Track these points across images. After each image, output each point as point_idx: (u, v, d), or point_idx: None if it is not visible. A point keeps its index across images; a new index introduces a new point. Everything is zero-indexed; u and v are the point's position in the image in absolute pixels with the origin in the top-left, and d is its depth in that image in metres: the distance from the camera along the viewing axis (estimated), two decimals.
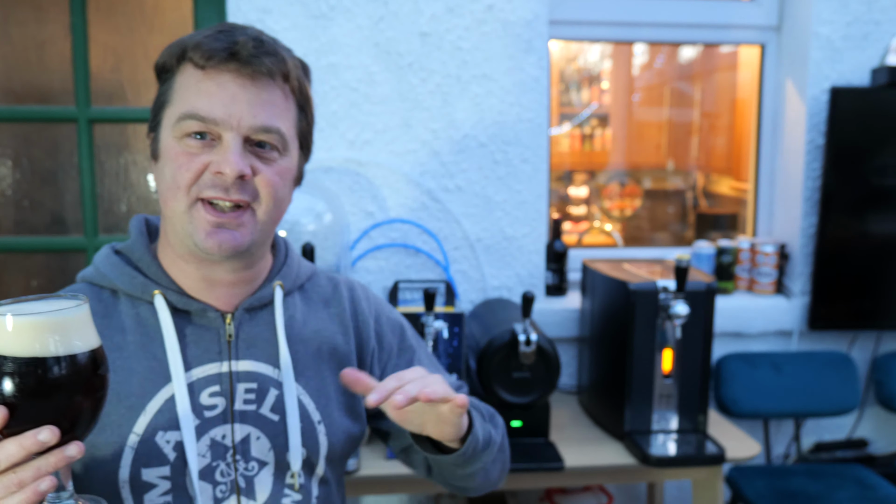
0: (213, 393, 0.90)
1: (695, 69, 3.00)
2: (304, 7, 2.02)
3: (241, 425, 0.90)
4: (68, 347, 0.64)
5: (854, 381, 2.26)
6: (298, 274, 1.01)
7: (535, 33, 2.09)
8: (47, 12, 2.14)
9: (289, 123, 0.89)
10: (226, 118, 0.83)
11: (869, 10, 2.19)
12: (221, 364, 0.90)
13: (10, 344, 0.62)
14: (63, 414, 0.64)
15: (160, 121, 0.89)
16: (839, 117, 2.16)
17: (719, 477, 1.73)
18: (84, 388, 0.65)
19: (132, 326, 0.89)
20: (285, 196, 0.91)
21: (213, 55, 0.82)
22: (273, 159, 0.87)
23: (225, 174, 0.82)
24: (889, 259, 2.24)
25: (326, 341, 0.99)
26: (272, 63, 0.84)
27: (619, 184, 3.05)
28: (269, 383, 0.92)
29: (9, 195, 2.21)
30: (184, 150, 0.84)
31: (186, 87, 0.85)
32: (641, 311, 1.71)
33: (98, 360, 0.67)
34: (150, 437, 0.86)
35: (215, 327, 0.91)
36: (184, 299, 0.90)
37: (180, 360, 0.87)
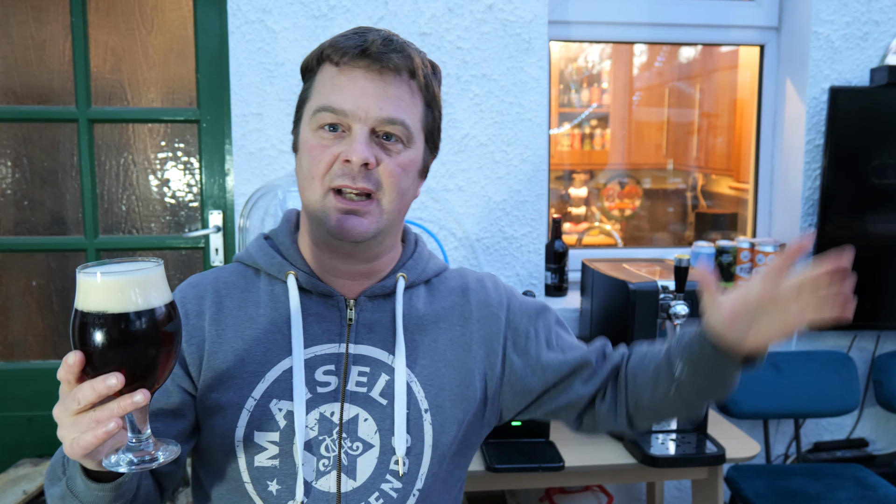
0: (327, 371, 0.94)
1: (695, 69, 3.00)
2: (304, 7, 2.02)
3: (350, 405, 0.94)
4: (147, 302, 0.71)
5: (854, 381, 2.25)
6: (425, 269, 1.04)
7: (535, 33, 2.09)
8: (47, 12, 2.14)
9: (414, 118, 0.93)
10: (355, 110, 0.88)
11: (868, 10, 2.19)
12: (340, 345, 0.96)
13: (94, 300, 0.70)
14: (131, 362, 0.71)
15: (301, 116, 0.95)
16: (839, 117, 2.16)
17: (719, 477, 1.73)
18: (151, 340, 0.71)
19: (266, 301, 0.97)
20: (408, 187, 0.95)
21: (346, 52, 0.89)
22: (397, 151, 0.91)
23: (352, 162, 0.87)
24: (889, 259, 2.24)
25: (445, 332, 1.01)
26: (400, 60, 0.89)
27: (619, 184, 3.05)
28: (382, 369, 0.96)
29: (9, 195, 2.21)
30: (318, 143, 0.90)
31: (323, 83, 0.92)
32: (641, 311, 1.71)
33: (172, 314, 0.73)
34: (266, 403, 0.92)
35: (338, 310, 0.97)
36: (313, 281, 0.96)
37: (301, 337, 0.94)
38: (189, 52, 2.17)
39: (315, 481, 0.92)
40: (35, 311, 2.27)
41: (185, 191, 2.24)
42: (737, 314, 0.87)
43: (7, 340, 2.28)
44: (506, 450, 1.69)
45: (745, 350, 0.89)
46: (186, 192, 2.24)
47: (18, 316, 2.27)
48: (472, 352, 1.01)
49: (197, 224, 2.25)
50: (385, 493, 0.94)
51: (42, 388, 2.22)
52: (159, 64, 2.20)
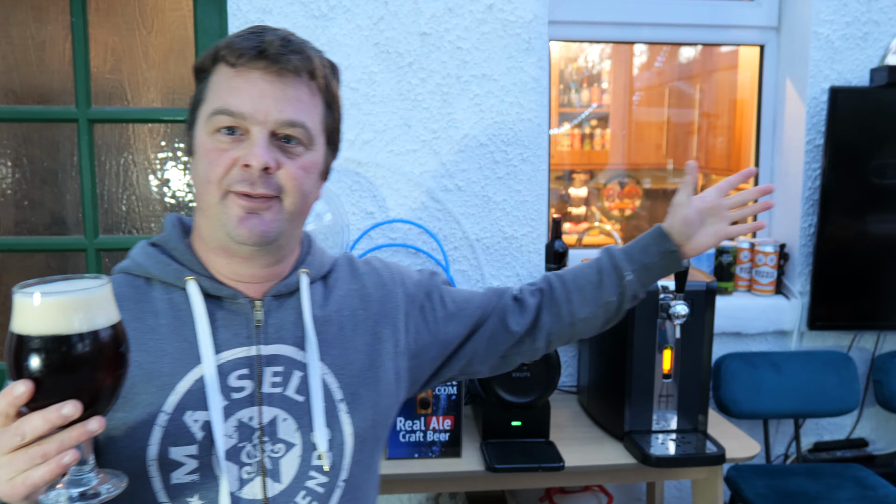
0: (241, 376, 0.92)
1: (695, 69, 3.00)
2: (304, 7, 2.02)
3: (268, 408, 0.92)
4: (91, 324, 0.66)
5: (854, 381, 2.25)
6: (322, 264, 1.04)
7: (535, 33, 2.09)
8: (47, 12, 2.14)
9: (315, 119, 0.92)
10: (253, 113, 0.86)
11: (868, 10, 2.19)
12: (250, 348, 0.93)
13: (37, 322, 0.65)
14: (85, 389, 0.66)
15: (196, 118, 0.92)
16: (839, 117, 2.16)
17: (719, 477, 1.73)
18: (106, 363, 0.68)
19: (165, 310, 0.93)
20: (310, 189, 0.94)
21: (243, 53, 0.86)
22: (298, 154, 0.90)
23: (251, 166, 0.86)
24: (889, 259, 2.24)
25: (349, 318, 1.02)
26: (299, 61, 0.88)
27: (619, 184, 3.05)
28: (294, 366, 0.95)
29: (9, 195, 2.21)
30: (215, 146, 0.88)
31: (219, 84, 0.89)
32: (641, 311, 1.71)
33: (119, 336, 0.70)
34: (179, 416, 0.88)
35: (245, 313, 0.94)
36: (216, 285, 0.93)
37: (210, 343, 0.90)
38: (189, 52, 2.17)
39: (239, 490, 0.90)
40: None
41: (185, 191, 2.24)
42: (692, 219, 1.11)
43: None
44: (506, 450, 1.69)
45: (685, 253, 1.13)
46: (186, 192, 2.24)
47: None
48: (378, 332, 1.03)
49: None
50: (311, 490, 0.94)
51: None
52: (159, 64, 2.20)
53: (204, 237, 0.95)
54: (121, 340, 0.70)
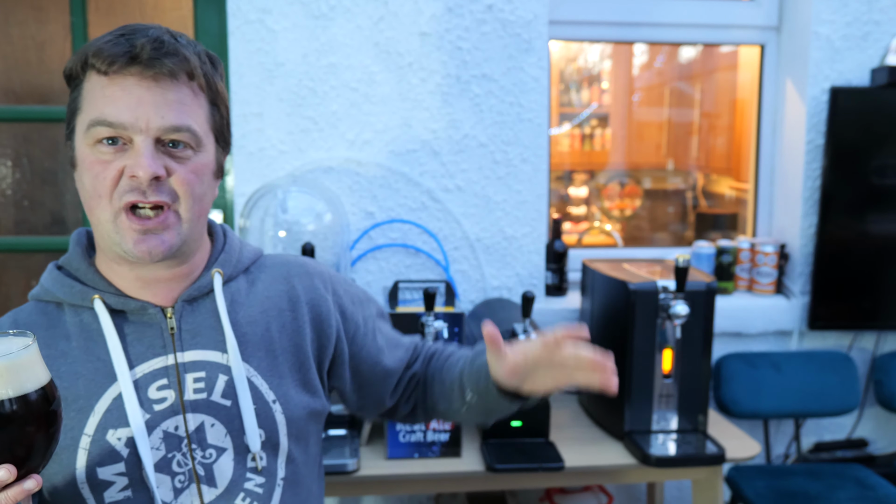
0: (161, 386, 0.91)
1: (695, 69, 3.00)
2: (304, 7, 2.02)
3: (193, 415, 0.91)
4: (18, 388, 0.67)
5: (854, 381, 2.25)
6: (240, 259, 1.02)
7: (535, 33, 2.09)
8: (47, 12, 2.14)
9: (200, 120, 0.89)
10: (133, 121, 0.83)
11: (869, 10, 2.19)
12: (167, 357, 0.92)
13: None
14: (18, 450, 0.67)
15: (73, 128, 0.90)
16: (839, 117, 2.16)
17: (719, 477, 1.73)
18: (37, 424, 0.69)
19: (76, 333, 0.91)
20: (205, 191, 0.92)
21: (114, 61, 0.83)
22: (187, 157, 0.88)
23: (139, 177, 0.83)
24: (889, 259, 2.24)
25: (275, 319, 1.00)
26: (174, 63, 0.85)
27: (619, 184, 3.05)
28: (218, 370, 0.93)
29: (9, 195, 2.21)
30: (98, 158, 0.85)
31: (93, 93, 0.86)
32: (641, 311, 1.71)
33: (49, 396, 0.70)
34: (102, 436, 0.88)
35: (156, 322, 0.92)
36: (122, 300, 0.92)
37: (123, 359, 0.89)
38: None
39: (175, 500, 0.90)
40: None
41: None
42: (515, 370, 0.95)
43: None
44: (506, 450, 1.69)
45: (523, 393, 0.99)
46: None
47: None
48: (305, 335, 1.01)
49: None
50: (250, 491, 0.94)
51: None
52: None
53: (104, 250, 0.93)
54: (51, 399, 0.70)
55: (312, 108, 2.06)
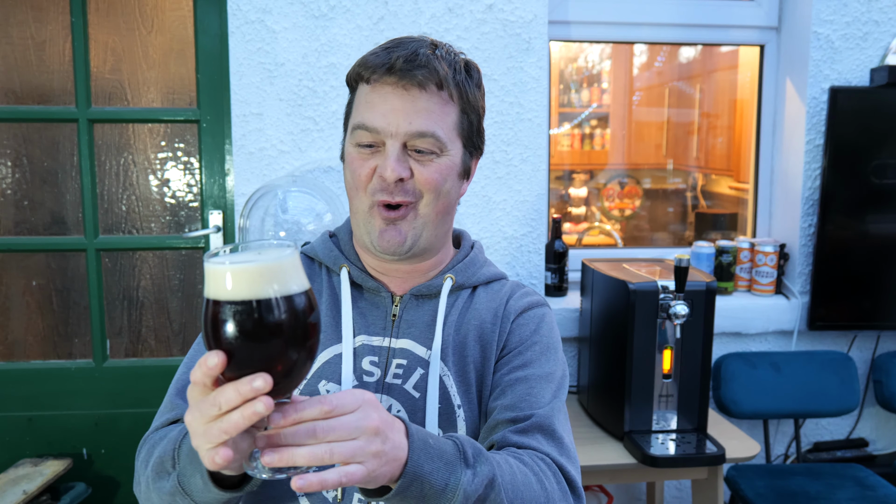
0: (372, 362, 1.00)
1: (695, 69, 3.00)
2: (304, 7, 2.02)
3: (386, 396, 0.98)
4: (285, 289, 0.66)
5: (854, 381, 2.25)
6: (476, 274, 1.09)
7: (535, 33, 2.09)
8: (47, 12, 2.14)
9: (446, 127, 0.97)
10: (385, 126, 0.94)
11: (868, 10, 2.19)
12: (384, 339, 1.01)
13: (231, 290, 0.64)
14: (278, 358, 0.65)
15: (346, 127, 1.02)
16: (839, 117, 2.16)
17: (719, 477, 1.73)
18: (299, 331, 0.66)
19: (324, 290, 1.05)
20: (450, 188, 1.00)
21: (374, 71, 0.95)
22: (430, 160, 0.97)
23: (386, 178, 0.94)
24: (889, 259, 2.24)
25: (478, 330, 1.04)
26: (423, 75, 0.94)
27: (619, 184, 3.05)
28: (418, 363, 1.00)
29: (9, 195, 2.21)
30: (358, 155, 0.97)
31: (360, 100, 0.98)
32: (641, 311, 1.71)
33: (312, 303, 0.69)
34: (315, 383, 0.98)
35: (384, 305, 1.04)
36: (363, 275, 1.04)
37: (351, 326, 1.01)
38: (189, 52, 2.17)
39: None
40: (35, 311, 2.27)
41: (185, 191, 2.24)
42: None
43: (7, 340, 2.28)
44: None
45: None
46: (186, 192, 2.24)
47: (18, 316, 2.27)
48: (492, 351, 1.04)
49: (197, 224, 2.25)
50: None
51: (42, 388, 2.22)
52: (159, 64, 2.20)
53: (356, 236, 1.04)
54: (313, 307, 0.69)
55: (312, 108, 2.06)
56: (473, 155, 1.05)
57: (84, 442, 2.25)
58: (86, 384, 2.23)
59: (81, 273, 2.23)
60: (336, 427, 0.69)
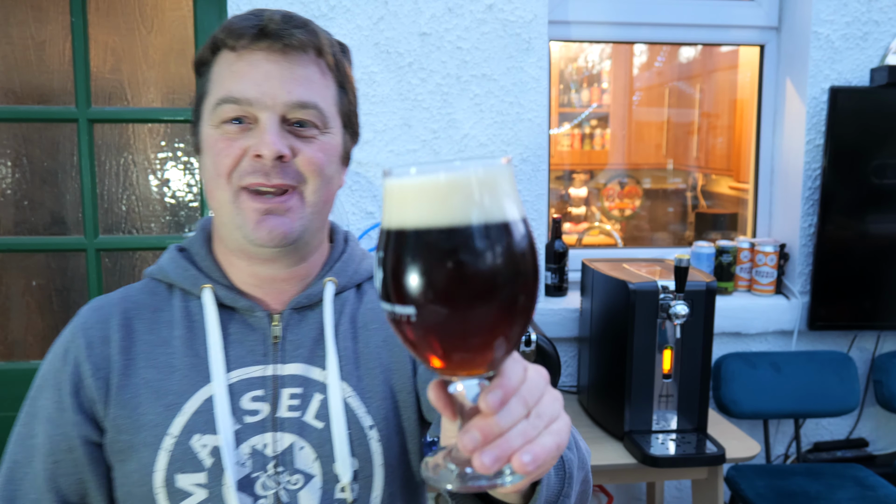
0: (255, 397, 0.84)
1: (695, 69, 3.00)
2: (304, 7, 2.02)
3: (283, 433, 0.84)
4: (502, 213, 0.45)
5: (854, 381, 2.26)
6: (357, 271, 0.95)
7: (535, 33, 2.09)
8: (47, 12, 2.14)
9: (328, 100, 0.84)
10: (260, 97, 0.80)
11: (868, 10, 2.19)
12: (266, 367, 0.86)
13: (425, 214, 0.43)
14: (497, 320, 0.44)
15: (200, 114, 0.87)
16: (839, 117, 2.16)
17: (719, 477, 1.73)
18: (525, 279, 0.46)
19: (180, 321, 0.87)
20: (333, 174, 0.86)
21: (242, 34, 0.80)
22: (313, 136, 0.83)
23: (263, 156, 0.79)
24: (889, 259, 2.24)
25: (376, 333, 0.91)
26: (304, 36, 0.81)
27: (619, 184, 3.05)
28: (315, 388, 0.86)
29: (9, 195, 2.21)
30: (222, 136, 0.82)
31: (221, 73, 0.84)
32: (641, 311, 1.71)
33: (532, 238, 0.48)
34: (186, 439, 0.82)
35: (262, 328, 0.87)
36: (232, 295, 0.87)
37: (222, 359, 0.84)
38: (189, 52, 2.17)
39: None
40: (35, 311, 2.27)
41: (185, 191, 2.24)
42: None
43: (7, 340, 2.28)
44: None
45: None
46: (186, 192, 2.24)
47: (18, 316, 2.27)
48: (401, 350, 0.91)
49: (197, 224, 2.25)
50: None
51: None
52: (159, 64, 2.20)
53: (223, 238, 0.88)
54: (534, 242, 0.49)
55: None
56: (353, 139, 0.92)
57: None
58: None
59: (81, 273, 2.23)
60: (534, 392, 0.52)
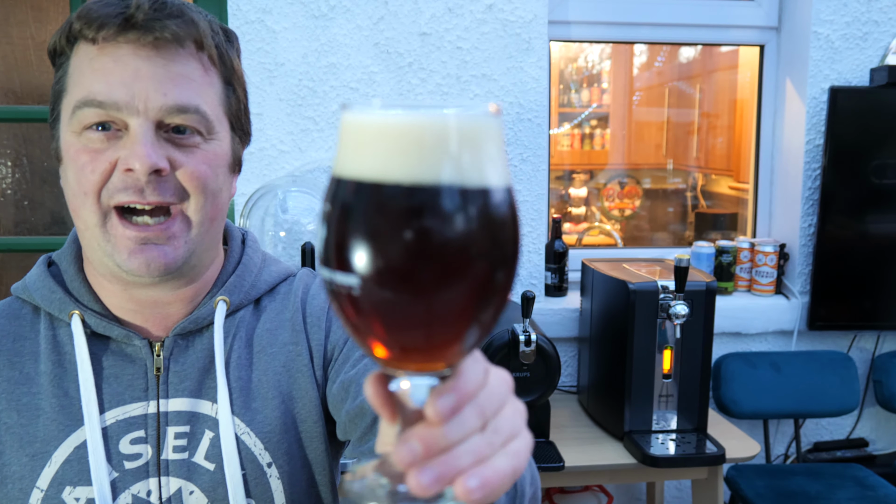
0: (135, 439, 0.74)
1: (695, 69, 3.00)
2: (304, 7, 2.02)
3: (170, 478, 0.74)
4: (481, 176, 0.35)
5: (854, 381, 2.25)
6: (255, 284, 0.83)
7: (535, 33, 2.09)
8: (47, 12, 2.14)
9: (212, 101, 0.72)
10: (129, 100, 0.66)
11: (868, 10, 2.19)
12: (148, 404, 0.75)
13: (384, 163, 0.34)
14: (459, 306, 0.35)
15: (58, 114, 0.72)
16: (838, 117, 2.16)
17: (719, 477, 1.73)
18: (501, 258, 0.36)
19: (47, 353, 0.76)
20: (220, 187, 0.74)
21: (104, 23, 0.67)
22: (195, 145, 0.70)
23: (135, 170, 0.66)
24: (889, 259, 2.24)
25: (276, 358, 0.81)
26: (178, 26, 0.68)
27: (619, 184, 3.05)
28: (205, 424, 0.76)
29: (9, 195, 2.21)
30: (85, 147, 0.68)
31: (80, 69, 0.69)
32: (641, 311, 1.71)
33: (516, 212, 0.37)
34: (56, 493, 0.72)
35: (141, 358, 0.76)
36: (104, 323, 0.75)
37: (94, 399, 0.73)
38: None
39: None
40: None
41: None
42: None
43: None
44: None
45: None
46: None
47: None
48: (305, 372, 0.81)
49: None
50: None
51: None
52: None
53: (91, 261, 0.75)
54: (518, 215, 0.38)
55: (312, 108, 2.06)
56: (243, 141, 0.79)
57: None
58: None
59: None
60: (494, 401, 0.43)
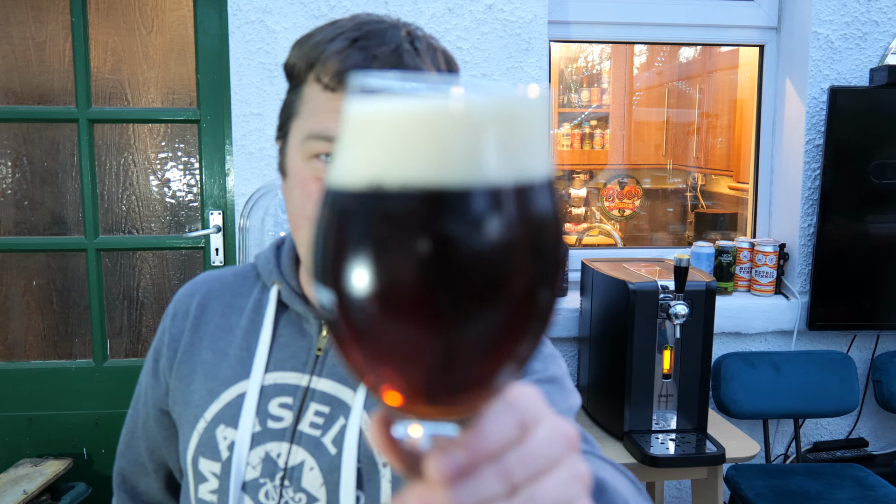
0: (283, 404, 0.81)
1: (695, 69, 3.00)
2: (304, 7, 2.02)
3: (298, 448, 0.79)
4: (517, 169, 0.29)
5: (853, 381, 2.26)
6: None
7: (535, 33, 2.09)
8: (47, 12, 2.14)
9: None
10: None
11: (868, 10, 2.19)
12: (302, 377, 0.81)
13: (397, 158, 0.28)
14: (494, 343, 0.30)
15: (288, 131, 0.80)
16: (838, 117, 2.16)
17: (719, 477, 1.73)
18: (545, 266, 0.31)
19: (249, 311, 0.86)
20: None
21: (343, 78, 0.70)
22: None
23: None
24: (889, 259, 2.24)
25: None
26: None
27: (619, 184, 3.05)
28: (342, 411, 0.80)
29: (9, 195, 2.21)
30: (312, 175, 0.74)
31: (315, 102, 0.74)
32: (641, 311, 1.71)
33: (560, 215, 0.32)
34: (213, 427, 0.81)
35: (311, 336, 0.83)
36: (293, 296, 0.84)
37: (264, 359, 0.82)
38: (189, 52, 2.17)
39: None
40: (35, 311, 2.27)
41: (185, 191, 2.24)
42: None
43: (7, 340, 2.28)
44: None
45: None
46: (186, 192, 2.24)
47: (18, 316, 2.27)
48: None
49: (197, 224, 2.25)
50: None
51: (42, 388, 2.22)
52: (159, 64, 2.20)
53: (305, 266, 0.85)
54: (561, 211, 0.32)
55: None
56: None
57: (84, 442, 2.25)
58: (86, 384, 2.23)
59: (81, 273, 2.23)
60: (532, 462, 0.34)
